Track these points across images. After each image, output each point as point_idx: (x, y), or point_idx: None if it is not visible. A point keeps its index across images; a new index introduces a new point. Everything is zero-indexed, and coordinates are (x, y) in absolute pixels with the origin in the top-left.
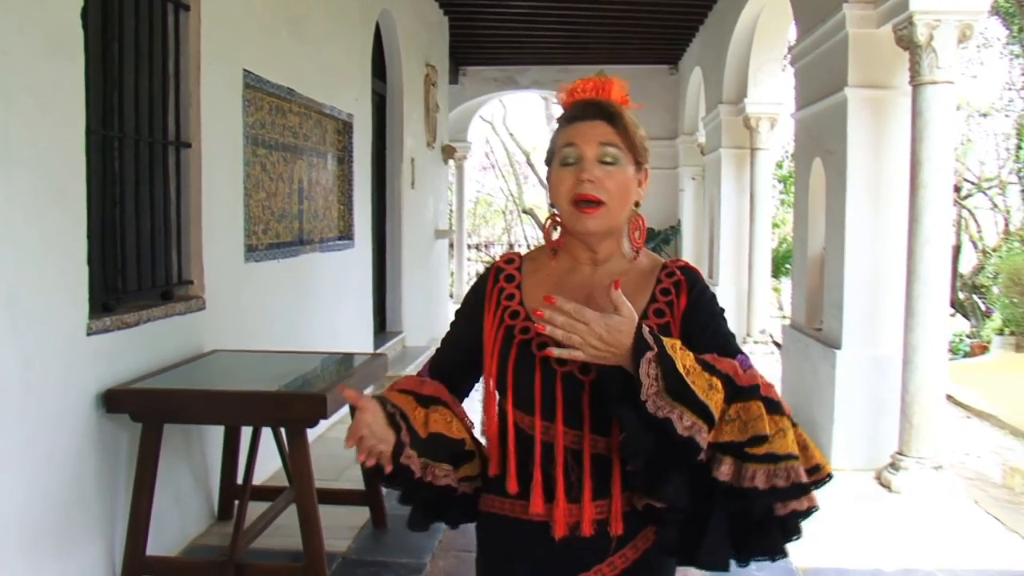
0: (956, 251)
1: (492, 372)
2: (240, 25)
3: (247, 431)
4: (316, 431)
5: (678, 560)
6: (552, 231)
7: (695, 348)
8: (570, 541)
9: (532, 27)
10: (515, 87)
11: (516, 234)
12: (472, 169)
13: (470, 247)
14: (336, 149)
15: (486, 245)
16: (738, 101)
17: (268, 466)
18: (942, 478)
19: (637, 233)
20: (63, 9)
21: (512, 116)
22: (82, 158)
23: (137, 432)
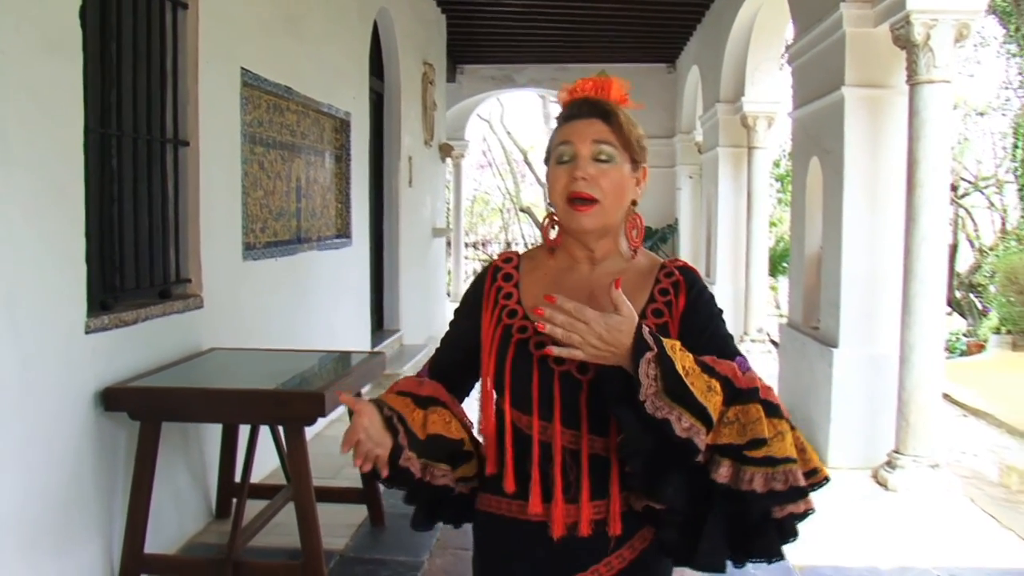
0: (953, 250)
1: (490, 371)
2: (238, 23)
3: (245, 429)
4: (314, 429)
5: (675, 561)
6: (550, 230)
7: (693, 349)
8: (567, 541)
9: (530, 25)
10: (512, 85)
11: (513, 232)
12: (469, 167)
13: (467, 245)
14: (334, 147)
15: (483, 243)
16: (735, 100)
17: (266, 464)
18: (939, 476)
19: (635, 232)
20: (61, 8)
21: (509, 114)
22: (80, 157)
23: (135, 430)
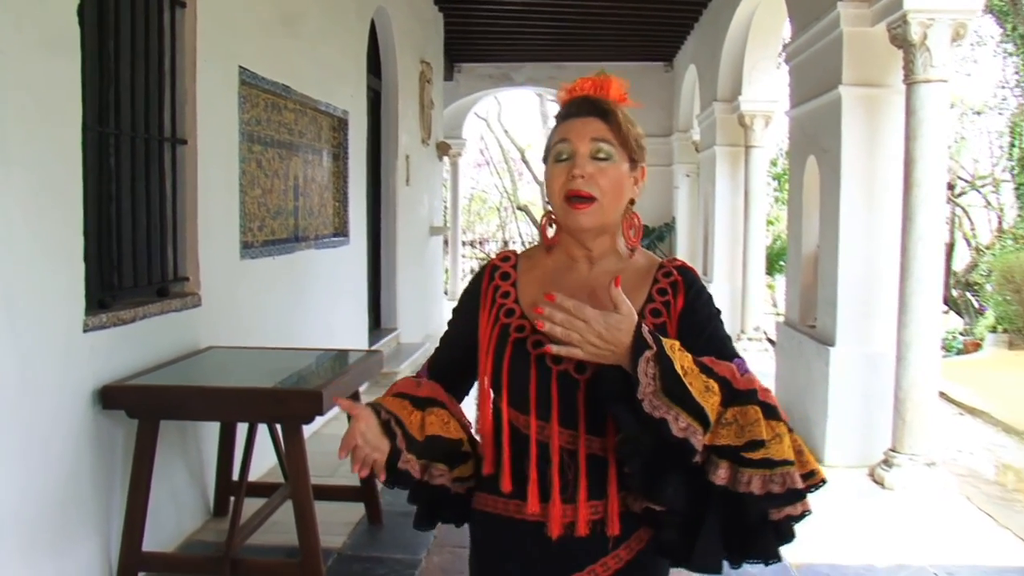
0: (950, 249)
1: (487, 370)
2: (236, 22)
3: (243, 427)
4: (311, 428)
5: (672, 562)
6: (547, 228)
7: (692, 350)
8: (564, 541)
9: (527, 24)
10: (510, 84)
11: (510, 231)
12: (467, 166)
13: (465, 244)
14: (331, 146)
15: (480, 242)
16: (733, 99)
17: (263, 462)
18: (935, 475)
19: (632, 231)
20: (60, 6)
21: (507, 113)
22: (79, 155)
23: (133, 428)
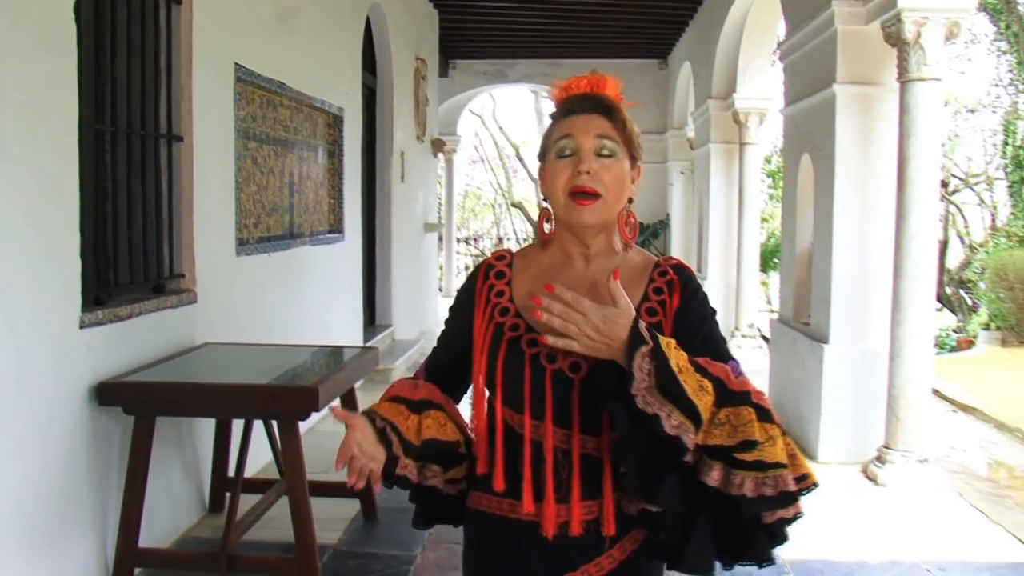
0: (943, 246)
1: (481, 369)
2: (231, 19)
3: (238, 424)
4: (307, 424)
5: (666, 565)
6: (545, 224)
7: (686, 350)
8: (558, 540)
9: (522, 21)
10: (505, 81)
11: (505, 227)
12: (461, 162)
13: (459, 240)
14: (326, 143)
15: (475, 238)
16: (727, 96)
17: (259, 458)
18: (928, 471)
19: (628, 228)
20: (57, 4)
21: (501, 110)
22: (75, 152)
23: (129, 425)
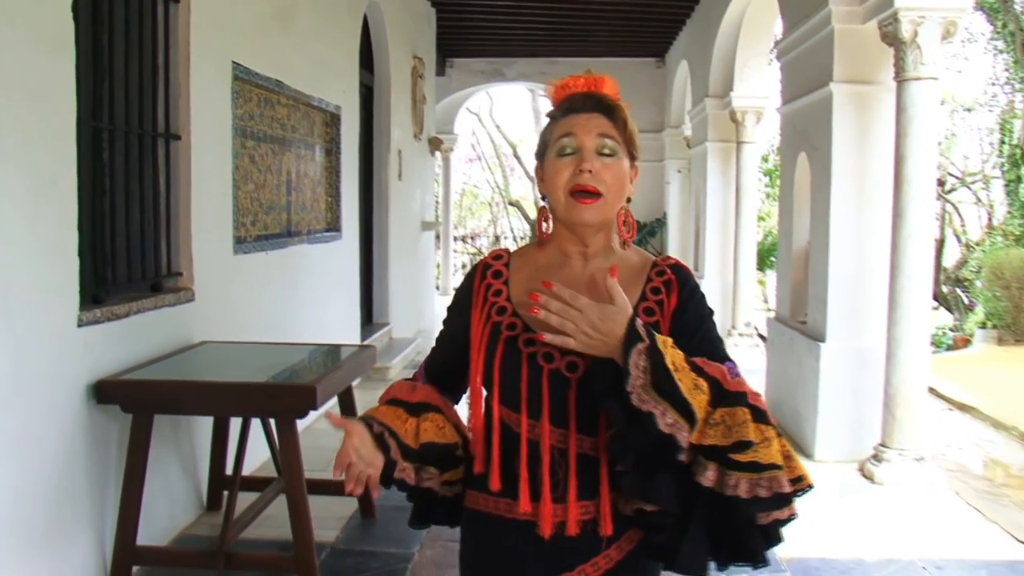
0: (940, 245)
1: (478, 368)
2: (229, 17)
3: (236, 422)
4: (304, 422)
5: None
6: (544, 223)
7: (683, 350)
8: (555, 540)
9: (519, 19)
10: (502, 79)
11: (502, 226)
12: (458, 161)
13: (456, 239)
14: (324, 141)
15: (472, 237)
16: (724, 95)
17: (256, 457)
18: (924, 470)
19: (626, 227)
20: (55, 2)
21: (499, 108)
22: (73, 150)
23: (127, 423)
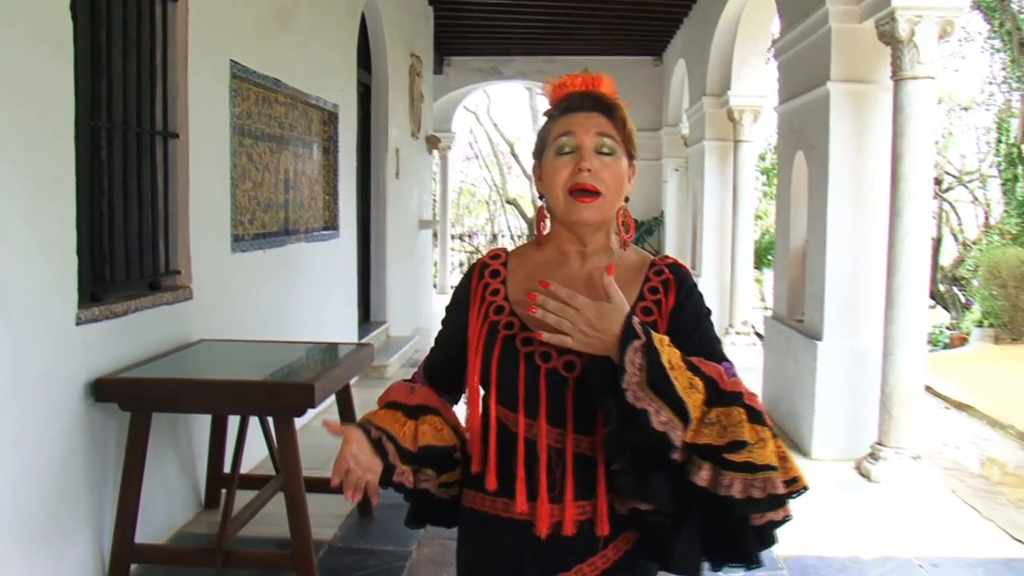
0: (937, 244)
1: (476, 368)
2: (227, 16)
3: (234, 420)
4: (302, 420)
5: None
6: (543, 222)
7: (680, 350)
8: (552, 540)
9: (517, 18)
10: (499, 77)
11: (499, 224)
12: (456, 159)
13: (454, 237)
14: (322, 139)
15: (470, 235)
16: (722, 93)
17: (254, 454)
18: (920, 468)
19: (625, 227)
20: (53, 1)
21: (496, 106)
22: (71, 149)
23: (125, 421)
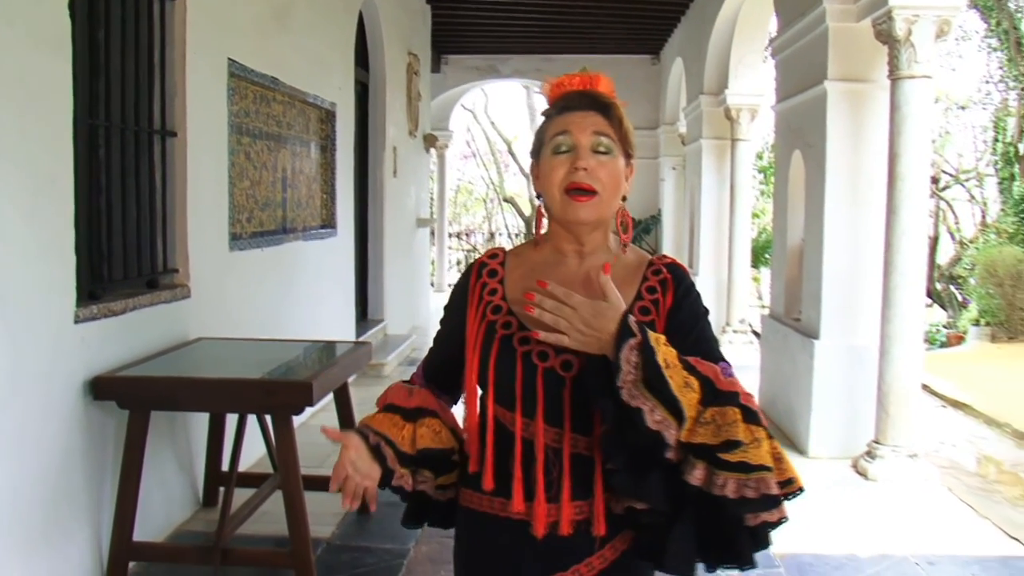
0: (934, 242)
1: (473, 367)
2: (225, 14)
3: (232, 418)
4: (300, 418)
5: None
6: (541, 221)
7: (678, 350)
8: (549, 540)
9: (514, 16)
10: (497, 76)
11: (497, 222)
12: (453, 157)
13: (451, 235)
14: (319, 138)
15: (467, 233)
16: (719, 92)
17: (252, 452)
18: (917, 466)
19: (623, 227)
20: (52, 0)
21: (494, 105)
22: (70, 148)
23: (124, 419)
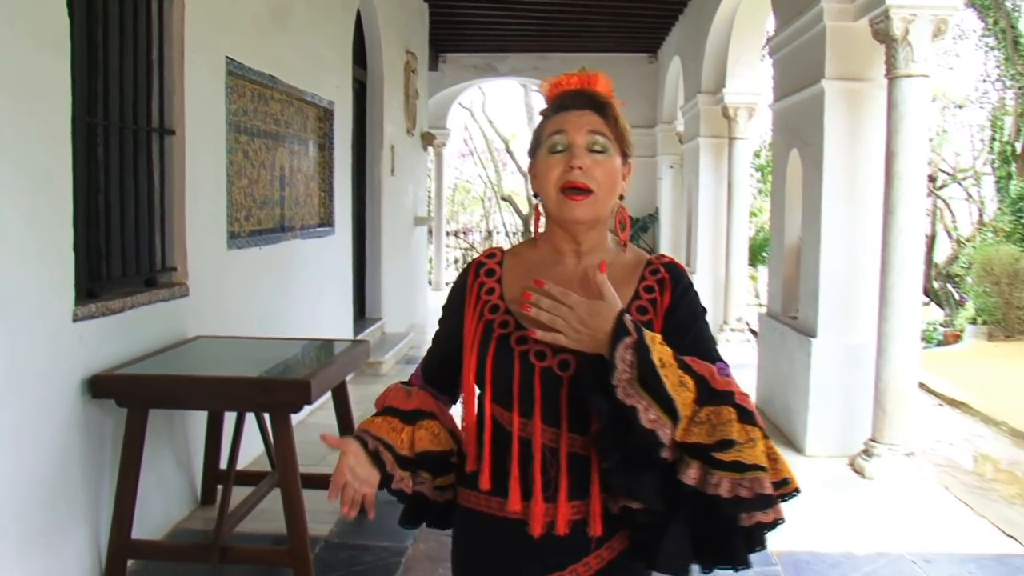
0: (931, 241)
1: (471, 366)
2: (223, 12)
3: (230, 416)
4: (298, 416)
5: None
6: (539, 219)
7: (675, 349)
8: (546, 540)
9: (512, 14)
10: (494, 74)
11: (494, 221)
12: (451, 156)
13: (449, 234)
14: (317, 136)
15: (465, 232)
16: (717, 91)
17: (250, 451)
18: (914, 465)
19: (622, 226)
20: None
21: (491, 103)
22: (68, 146)
23: (122, 417)
